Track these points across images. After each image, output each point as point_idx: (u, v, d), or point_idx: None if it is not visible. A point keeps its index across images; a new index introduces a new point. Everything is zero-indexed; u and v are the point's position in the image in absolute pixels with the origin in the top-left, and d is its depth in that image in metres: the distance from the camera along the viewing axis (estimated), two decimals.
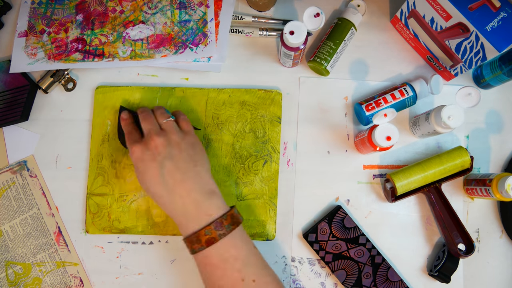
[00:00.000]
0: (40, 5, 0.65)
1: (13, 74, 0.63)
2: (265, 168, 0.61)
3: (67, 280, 0.60)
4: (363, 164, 0.62)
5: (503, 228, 0.60)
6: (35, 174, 0.61)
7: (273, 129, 0.62)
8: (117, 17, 0.65)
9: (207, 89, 0.63)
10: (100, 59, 0.63)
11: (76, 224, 0.61)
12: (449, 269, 0.57)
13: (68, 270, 0.60)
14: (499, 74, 0.58)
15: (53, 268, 0.60)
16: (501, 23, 0.49)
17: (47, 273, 0.59)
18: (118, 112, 0.61)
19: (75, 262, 0.60)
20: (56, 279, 0.60)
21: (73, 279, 0.60)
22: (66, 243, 0.60)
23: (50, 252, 0.60)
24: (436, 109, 0.55)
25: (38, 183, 0.62)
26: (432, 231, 0.60)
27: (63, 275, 0.60)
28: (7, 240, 0.60)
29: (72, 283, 0.60)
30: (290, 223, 0.61)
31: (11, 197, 0.61)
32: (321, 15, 0.57)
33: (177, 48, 0.63)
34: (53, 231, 0.61)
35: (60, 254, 0.60)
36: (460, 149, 0.57)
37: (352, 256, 0.58)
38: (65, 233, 0.61)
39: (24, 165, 0.62)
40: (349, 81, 0.64)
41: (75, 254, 0.60)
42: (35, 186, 0.61)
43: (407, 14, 0.59)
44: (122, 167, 0.61)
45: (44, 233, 0.60)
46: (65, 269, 0.60)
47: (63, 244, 0.60)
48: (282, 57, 0.61)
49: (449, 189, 0.61)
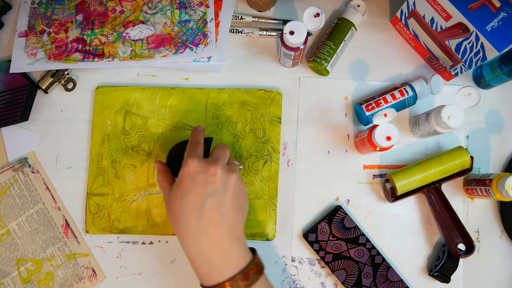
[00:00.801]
0: (40, 5, 0.65)
1: (13, 74, 0.63)
2: (265, 168, 0.61)
3: (80, 271, 0.60)
4: (363, 164, 0.62)
5: (503, 228, 0.60)
6: (37, 169, 0.61)
7: (273, 129, 0.62)
8: (117, 17, 0.65)
9: (207, 89, 0.63)
10: (100, 59, 0.63)
11: (77, 224, 0.61)
12: (449, 269, 0.57)
13: (80, 262, 0.60)
14: (499, 74, 0.58)
15: (64, 261, 0.60)
16: (501, 23, 0.49)
17: (59, 267, 0.60)
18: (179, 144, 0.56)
19: (86, 253, 0.60)
20: (68, 271, 0.60)
21: (85, 270, 0.60)
22: (75, 235, 0.60)
23: (60, 246, 0.60)
24: (436, 109, 0.55)
25: (41, 178, 0.62)
26: (432, 231, 0.60)
27: (75, 267, 0.60)
28: (16, 238, 0.60)
29: (85, 274, 0.60)
30: (290, 223, 0.61)
31: (15, 195, 0.61)
32: (321, 15, 0.57)
33: (177, 48, 0.63)
34: (61, 224, 0.61)
35: (70, 247, 0.60)
36: (460, 149, 0.57)
37: (352, 256, 0.58)
38: (72, 226, 0.61)
39: (25, 161, 0.62)
40: (349, 81, 0.64)
41: (85, 245, 0.60)
42: (38, 181, 0.61)
43: (407, 14, 0.59)
44: (122, 167, 0.61)
45: (51, 227, 0.60)
46: (76, 261, 0.60)
47: (72, 237, 0.60)
48: (282, 57, 0.61)
49: (449, 189, 0.61)
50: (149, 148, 0.62)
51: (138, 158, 0.62)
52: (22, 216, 0.60)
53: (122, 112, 0.62)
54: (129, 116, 0.62)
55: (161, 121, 0.62)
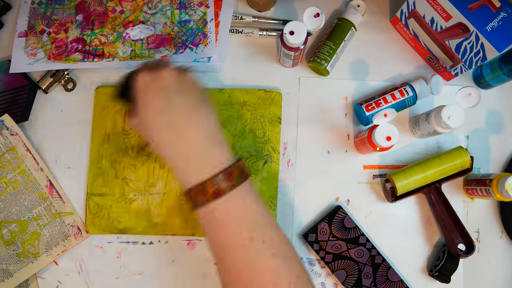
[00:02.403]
0: (40, 5, 0.65)
1: (13, 74, 0.63)
2: (265, 168, 0.61)
3: (65, 229, 0.60)
4: (363, 164, 0.62)
5: (503, 228, 0.60)
6: (15, 132, 0.61)
7: (273, 129, 0.62)
8: (117, 17, 0.65)
9: (207, 89, 0.63)
10: (100, 59, 0.63)
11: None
12: (449, 269, 0.57)
13: (65, 220, 0.61)
14: (499, 74, 0.58)
15: (50, 220, 0.60)
16: (501, 23, 0.49)
17: (45, 226, 0.60)
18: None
19: (70, 212, 0.61)
20: (54, 230, 0.60)
21: (70, 228, 0.61)
22: (59, 195, 0.61)
23: (46, 205, 0.61)
24: (436, 109, 0.55)
25: (21, 140, 0.62)
26: (432, 231, 0.60)
27: (61, 225, 0.60)
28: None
29: (70, 231, 0.61)
30: (290, 223, 0.61)
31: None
32: (321, 15, 0.57)
33: (177, 48, 0.63)
34: (45, 184, 0.61)
35: (55, 206, 0.61)
36: (460, 149, 0.57)
37: (352, 256, 0.58)
38: (56, 185, 0.61)
39: (2, 124, 0.62)
40: (349, 81, 0.64)
41: (69, 204, 0.61)
42: (18, 143, 0.62)
43: (407, 14, 0.59)
44: (122, 167, 0.61)
45: (36, 188, 0.61)
46: (61, 219, 0.61)
47: (56, 196, 0.61)
48: (282, 57, 0.61)
49: (449, 189, 0.61)
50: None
51: (138, 158, 0.62)
52: (5, 178, 0.61)
53: (122, 112, 0.62)
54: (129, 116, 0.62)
55: None
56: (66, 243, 0.60)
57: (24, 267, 0.59)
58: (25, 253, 0.60)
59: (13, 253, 0.60)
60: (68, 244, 0.60)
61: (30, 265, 0.59)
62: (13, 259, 0.59)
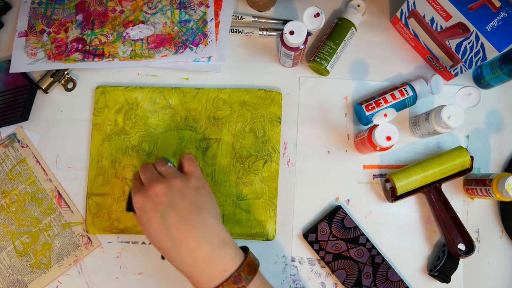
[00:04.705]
0: (40, 5, 0.65)
1: (13, 74, 0.63)
2: (265, 168, 0.61)
3: (76, 239, 0.61)
4: (363, 164, 0.62)
5: (503, 228, 0.60)
6: (26, 144, 0.62)
7: (273, 129, 0.62)
8: (117, 17, 0.65)
9: (207, 89, 0.63)
10: (100, 59, 0.63)
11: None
12: (449, 269, 0.57)
13: (75, 230, 0.61)
14: (499, 74, 0.58)
15: (60, 231, 0.61)
16: (501, 23, 0.49)
17: (55, 236, 0.61)
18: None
19: (80, 222, 0.61)
20: (64, 240, 0.61)
21: (80, 238, 0.61)
22: (67, 205, 0.61)
23: (55, 216, 0.61)
24: (436, 109, 0.55)
25: (31, 152, 0.62)
26: (432, 231, 0.60)
27: (71, 236, 0.61)
28: (9, 213, 0.61)
29: (81, 241, 0.61)
30: (290, 223, 0.61)
31: (7, 170, 0.62)
32: (321, 15, 0.57)
33: (177, 48, 0.63)
34: (54, 195, 0.62)
35: (64, 216, 0.61)
36: (460, 149, 0.57)
37: (352, 256, 0.58)
38: (64, 196, 0.62)
39: (14, 137, 0.62)
40: (349, 81, 0.64)
41: (78, 214, 0.61)
42: (29, 155, 0.62)
43: (407, 14, 0.59)
44: (122, 167, 0.61)
45: (45, 199, 0.61)
46: (71, 229, 0.61)
47: (65, 206, 0.61)
48: (282, 57, 0.61)
49: (449, 189, 0.61)
50: (149, 148, 0.62)
51: (138, 158, 0.62)
52: (16, 190, 0.61)
53: (122, 112, 0.62)
54: (129, 116, 0.62)
55: (161, 121, 0.62)
56: (77, 253, 0.60)
57: (37, 278, 0.60)
58: (37, 264, 0.60)
59: (26, 264, 0.60)
60: (79, 254, 0.60)
61: (43, 275, 0.60)
62: (27, 270, 0.60)
